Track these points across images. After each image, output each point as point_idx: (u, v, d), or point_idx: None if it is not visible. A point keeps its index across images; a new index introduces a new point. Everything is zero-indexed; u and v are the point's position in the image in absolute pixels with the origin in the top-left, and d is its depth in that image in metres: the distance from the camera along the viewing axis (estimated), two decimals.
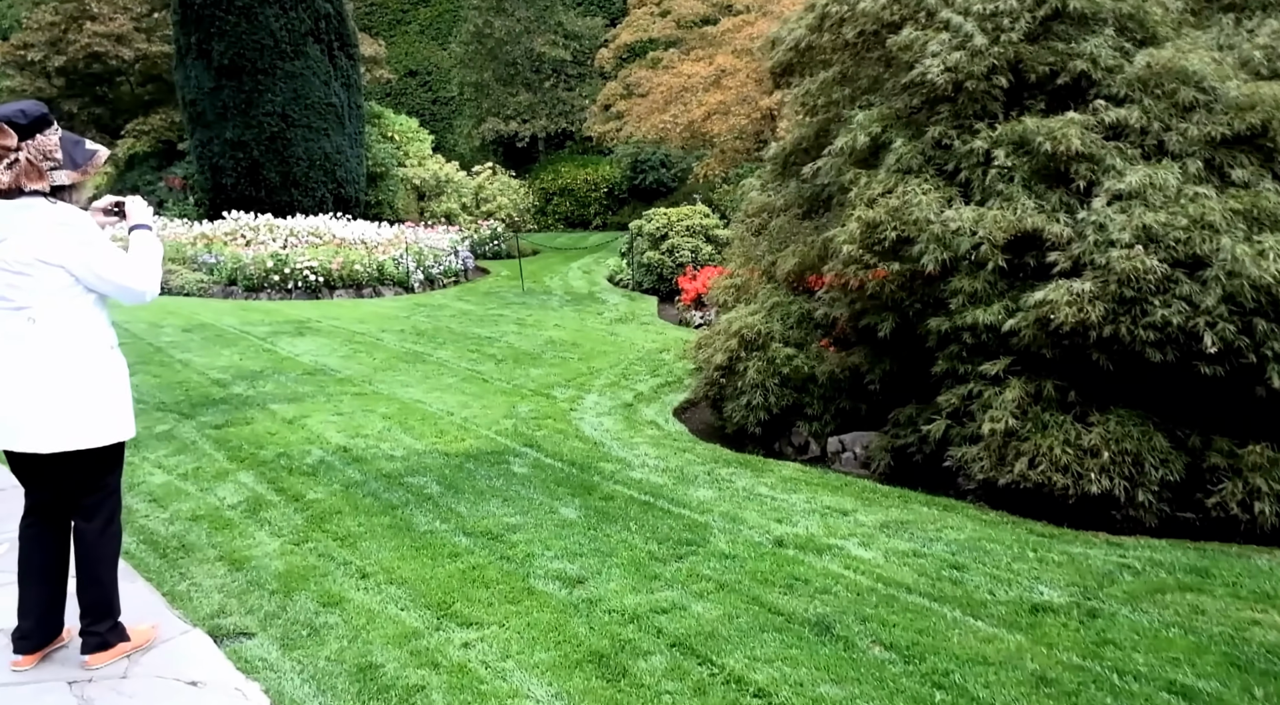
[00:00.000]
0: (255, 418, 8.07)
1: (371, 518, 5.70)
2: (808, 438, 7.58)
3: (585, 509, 5.89)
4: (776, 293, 8.07)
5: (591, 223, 34.77)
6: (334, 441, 7.38)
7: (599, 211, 35.01)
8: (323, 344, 11.82)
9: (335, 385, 9.49)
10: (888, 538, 5.43)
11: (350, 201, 22.01)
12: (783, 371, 7.50)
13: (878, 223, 6.44)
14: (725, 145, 19.79)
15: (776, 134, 18.03)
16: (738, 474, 6.77)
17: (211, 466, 6.73)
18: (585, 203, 35.07)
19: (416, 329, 13.20)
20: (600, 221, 34.71)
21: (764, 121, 18.64)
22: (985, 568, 4.97)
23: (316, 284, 16.84)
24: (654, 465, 6.95)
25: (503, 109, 34.74)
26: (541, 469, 6.78)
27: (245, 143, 20.79)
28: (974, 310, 6.10)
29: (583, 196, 35.06)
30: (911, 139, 6.75)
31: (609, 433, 7.97)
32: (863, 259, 6.51)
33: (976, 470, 5.98)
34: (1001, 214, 6.08)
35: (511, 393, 9.45)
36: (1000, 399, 5.94)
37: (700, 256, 17.34)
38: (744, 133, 18.92)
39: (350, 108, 21.85)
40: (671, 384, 10.23)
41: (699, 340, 8.66)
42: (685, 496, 6.18)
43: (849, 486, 6.52)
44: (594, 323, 14.25)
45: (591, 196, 35.09)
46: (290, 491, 6.18)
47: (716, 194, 25.01)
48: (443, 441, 7.46)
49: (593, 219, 34.87)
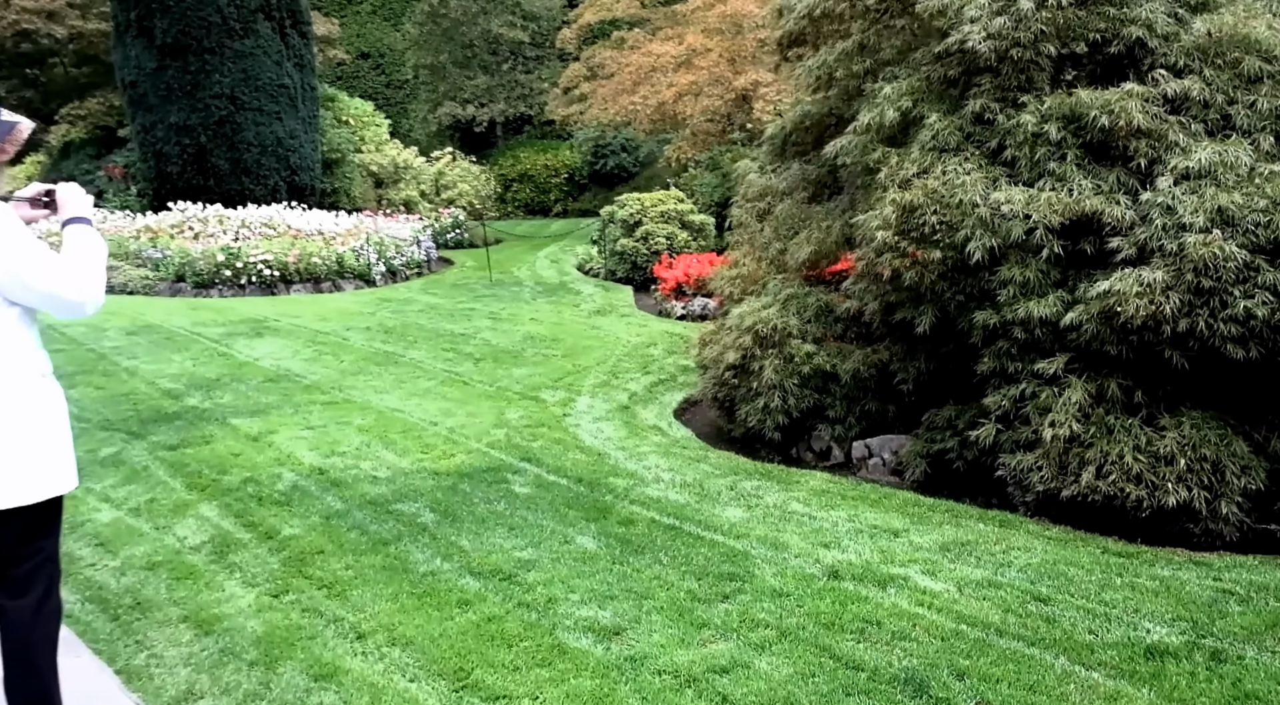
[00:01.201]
0: (215, 435, 7.28)
1: (360, 557, 4.97)
2: (830, 442, 6.95)
3: (604, 537, 5.20)
4: (790, 283, 7.41)
5: (552, 209, 34.01)
6: (307, 462, 6.63)
7: (559, 198, 34.25)
8: (284, 345, 11.00)
9: (302, 393, 8.71)
10: (952, 563, 4.80)
11: (305, 190, 21.02)
12: (802, 370, 6.86)
13: (915, 206, 5.80)
14: (697, 127, 19.10)
15: (752, 115, 17.41)
16: (764, 488, 6.12)
17: (168, 497, 5.95)
18: (545, 189, 34.27)
19: (384, 326, 12.41)
20: (561, 208, 33.97)
21: (738, 103, 17.98)
22: (1073, 599, 4.36)
23: (272, 279, 15.94)
24: (669, 479, 6.28)
25: (459, 92, 33.77)
26: (546, 488, 6.09)
27: (191, 127, 19.70)
28: (1026, 302, 5.48)
29: (543, 183, 34.26)
30: (948, 114, 6.11)
31: (611, 441, 7.28)
32: (898, 246, 5.87)
33: (1035, 481, 5.37)
34: (1056, 195, 5.46)
35: (496, 397, 8.72)
36: (1060, 401, 5.33)
37: (676, 243, 16.66)
38: (717, 114, 18.25)
39: (304, 90, 20.82)
40: (665, 382, 9.56)
41: (703, 336, 8.00)
42: (714, 518, 5.52)
43: (888, 500, 5.89)
44: (572, 316, 13.53)
45: (552, 182, 34.31)
46: (262, 527, 5.43)
47: (684, 178, 24.34)
48: (430, 458, 6.74)
49: (553, 205, 34.11)
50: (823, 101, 7.82)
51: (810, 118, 8.51)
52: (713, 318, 12.16)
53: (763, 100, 17.06)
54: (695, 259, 14.99)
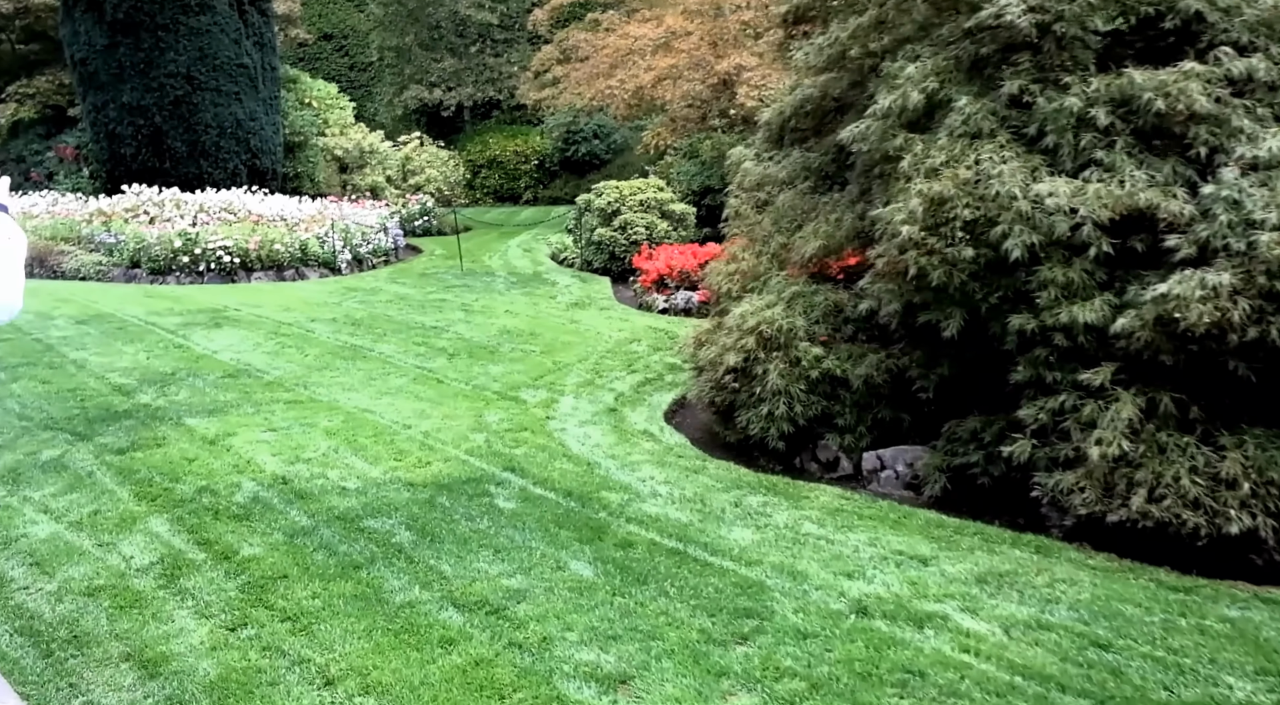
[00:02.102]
0: (168, 437, 6.64)
1: (329, 584, 4.38)
2: (838, 453, 6.42)
3: (601, 562, 4.64)
4: (794, 280, 6.87)
5: (521, 196, 33.33)
6: (269, 469, 6.01)
7: (529, 185, 33.57)
8: (244, 337, 10.33)
9: (263, 391, 8.07)
10: (992, 598, 4.29)
11: (266, 174, 20.20)
12: (810, 375, 6.32)
13: (945, 198, 5.26)
14: (676, 113, 18.53)
15: (736, 100, 16.85)
16: (771, 504, 5.58)
17: (114, 509, 5.32)
18: (515, 176, 33.58)
19: (351, 318, 11.75)
20: (531, 195, 33.29)
21: (720, 88, 17.42)
22: (1137, 645, 3.86)
23: (232, 266, 15.20)
24: (667, 494, 5.73)
25: (426, 76, 32.95)
26: (532, 502, 5.51)
27: (146, 108, 18.81)
28: (1069, 306, 4.97)
29: (512, 169, 33.56)
30: (979, 96, 5.58)
31: (600, 449, 6.71)
32: (925, 243, 5.34)
33: (1077, 503, 4.86)
34: (1105, 188, 4.94)
35: (474, 397, 8.12)
36: (1107, 416, 4.82)
37: (655, 233, 16.08)
38: (697, 99, 17.67)
39: (264, 70, 19.97)
40: (652, 381, 9.00)
41: (697, 336, 7.44)
42: (721, 540, 4.97)
43: (909, 520, 5.37)
44: (548, 308, 12.93)
45: (521, 169, 33.61)
46: (218, 545, 4.82)
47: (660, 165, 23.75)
48: (404, 466, 6.14)
49: (523, 192, 33.43)
50: (833, 82, 7.26)
51: (811, 102, 7.95)
52: (697, 313, 11.54)
53: (747, 85, 16.52)
54: (678, 250, 14.42)
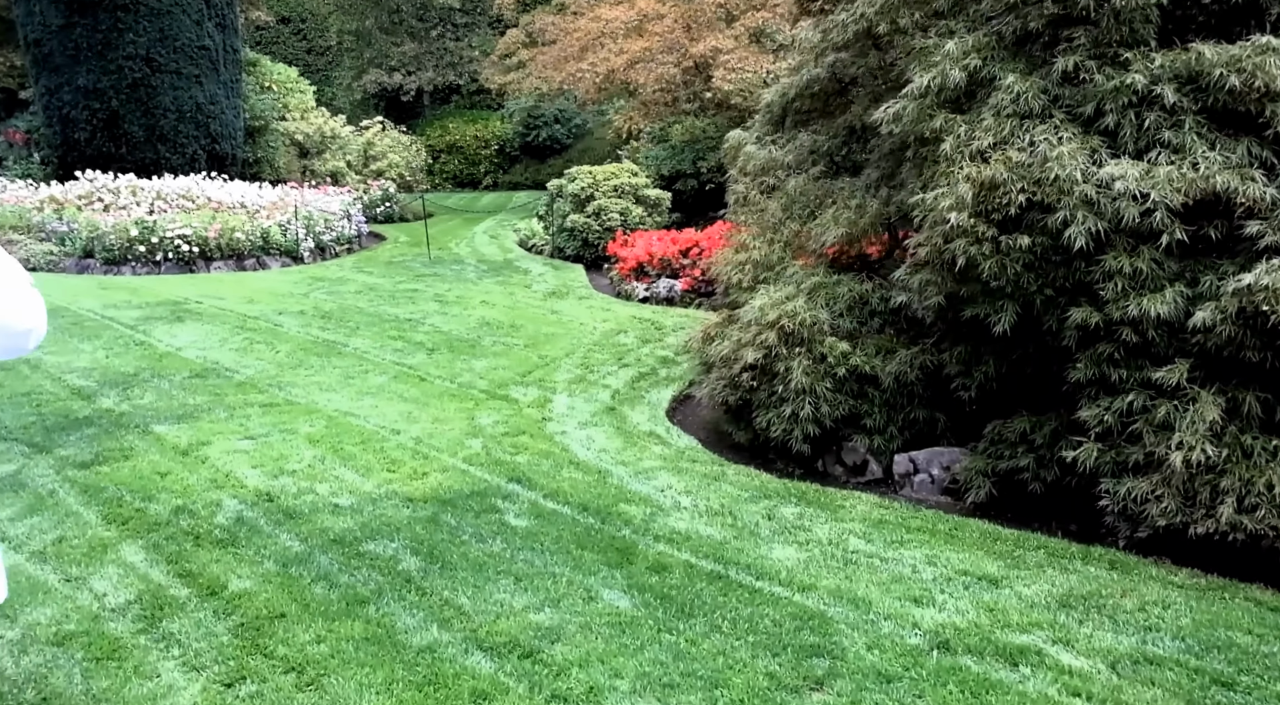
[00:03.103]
0: (136, 447, 6.06)
1: (334, 624, 3.86)
2: (866, 455, 5.99)
3: (637, 590, 4.16)
4: (813, 270, 6.41)
5: (481, 182, 32.74)
6: (250, 484, 5.46)
7: (489, 170, 32.99)
8: (209, 332, 9.71)
9: (235, 392, 7.49)
10: (1082, 626, 3.86)
11: (226, 159, 19.43)
12: (836, 373, 5.87)
13: (996, 183, 4.82)
14: (648, 96, 18.00)
15: (712, 84, 16.36)
16: (807, 516, 5.13)
17: (81, 534, 4.75)
18: (475, 161, 32.98)
19: (320, 310, 11.14)
20: (491, 181, 32.71)
21: (695, 72, 16.92)
22: (1266, 683, 3.43)
23: (190, 255, 14.51)
24: (692, 506, 5.25)
25: (386, 60, 32.25)
26: (546, 519, 5.01)
27: (102, 91, 17.95)
28: (1139, 298, 4.55)
29: (472, 154, 32.95)
30: (1027, 74, 5.14)
31: (608, 454, 6.22)
32: (975, 230, 4.90)
33: (1154, 513, 4.45)
34: (1177, 171, 4.52)
35: (461, 396, 7.59)
36: (1186, 418, 4.41)
37: (630, 219, 15.59)
38: (672, 83, 17.16)
39: (226, 52, 19.16)
40: (646, 376, 8.52)
41: (705, 330, 6.96)
42: (764, 561, 4.50)
43: (962, 532, 4.94)
44: (525, 298, 12.39)
45: (482, 154, 33.01)
46: (203, 578, 4.28)
47: (628, 149, 23.21)
48: (399, 478, 5.61)
49: (482, 178, 32.84)
50: (843, 62, 6.81)
51: (820, 82, 7.50)
52: (680, 302, 10.82)
53: (724, 68, 16.05)
54: (656, 236, 13.93)
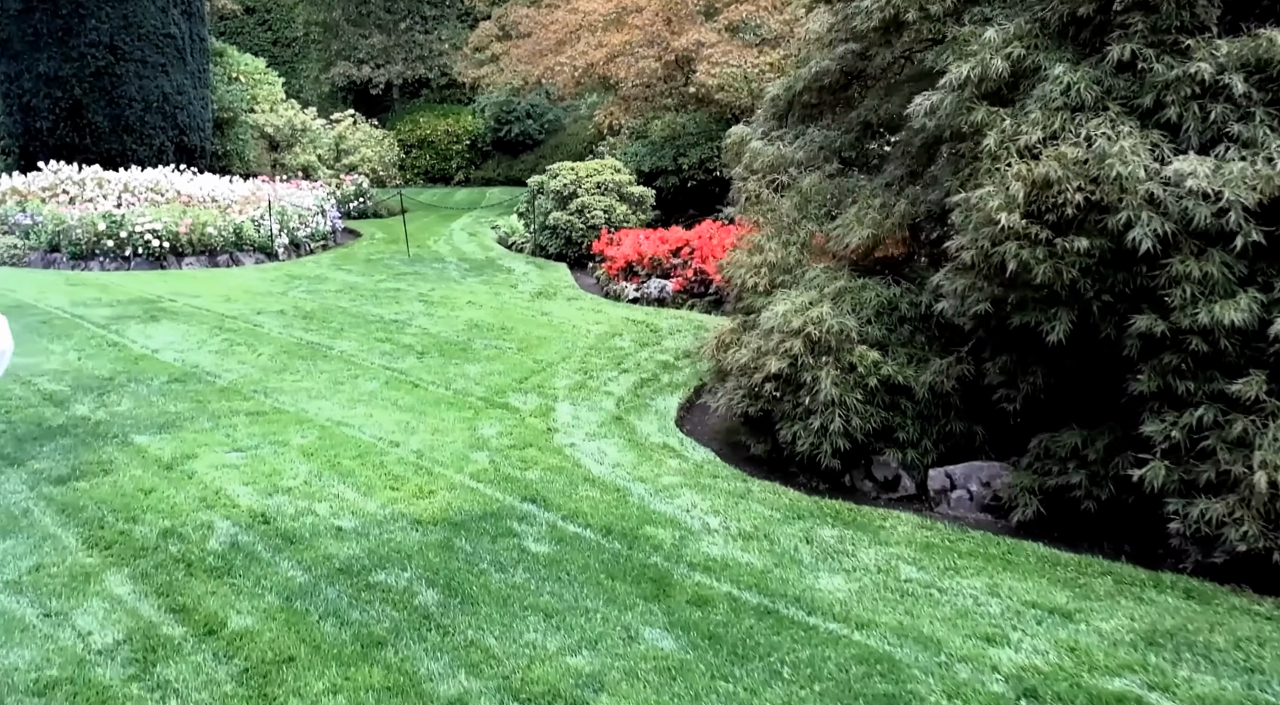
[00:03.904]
0: (115, 461, 5.62)
1: (349, 669, 3.47)
2: (898, 470, 5.66)
3: (681, 629, 3.80)
4: (837, 273, 6.07)
5: (453, 177, 32.21)
6: (243, 503, 5.04)
7: (461, 165, 32.47)
8: (185, 333, 9.24)
9: (218, 398, 7.05)
10: (1176, 667, 3.54)
11: (194, 151, 18.83)
12: (867, 383, 5.53)
13: (1050, 181, 4.50)
14: (628, 91, 17.60)
15: (694, 78, 16.00)
16: (848, 538, 4.79)
17: (60, 561, 4.33)
18: (446, 156, 32.45)
19: (300, 309, 10.68)
20: (463, 176, 32.21)
21: (676, 66, 16.54)
22: None
23: (161, 250, 13.98)
24: (722, 528, 4.90)
25: (354, 52, 31.66)
26: (569, 544, 4.64)
27: (64, 79, 17.31)
28: (1209, 305, 4.24)
29: (444, 149, 32.42)
30: (1076, 63, 4.82)
31: (623, 469, 5.86)
32: (1027, 232, 4.57)
33: (1234, 537, 4.15)
34: (1250, 167, 4.22)
35: (458, 404, 7.19)
36: (1269, 435, 4.11)
37: (614, 217, 15.19)
38: (653, 77, 16.76)
39: (193, 40, 18.55)
40: (649, 382, 8.15)
41: (719, 336, 6.60)
42: (812, 593, 4.16)
43: (1018, 557, 4.61)
44: (512, 298, 11.98)
45: (453, 149, 32.49)
46: (198, 613, 3.87)
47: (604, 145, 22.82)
48: (404, 496, 5.22)
49: (454, 173, 32.31)
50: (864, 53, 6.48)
51: (829, 75, 7.17)
52: (672, 302, 10.26)
53: (707, 62, 15.68)
54: (643, 235, 13.56)
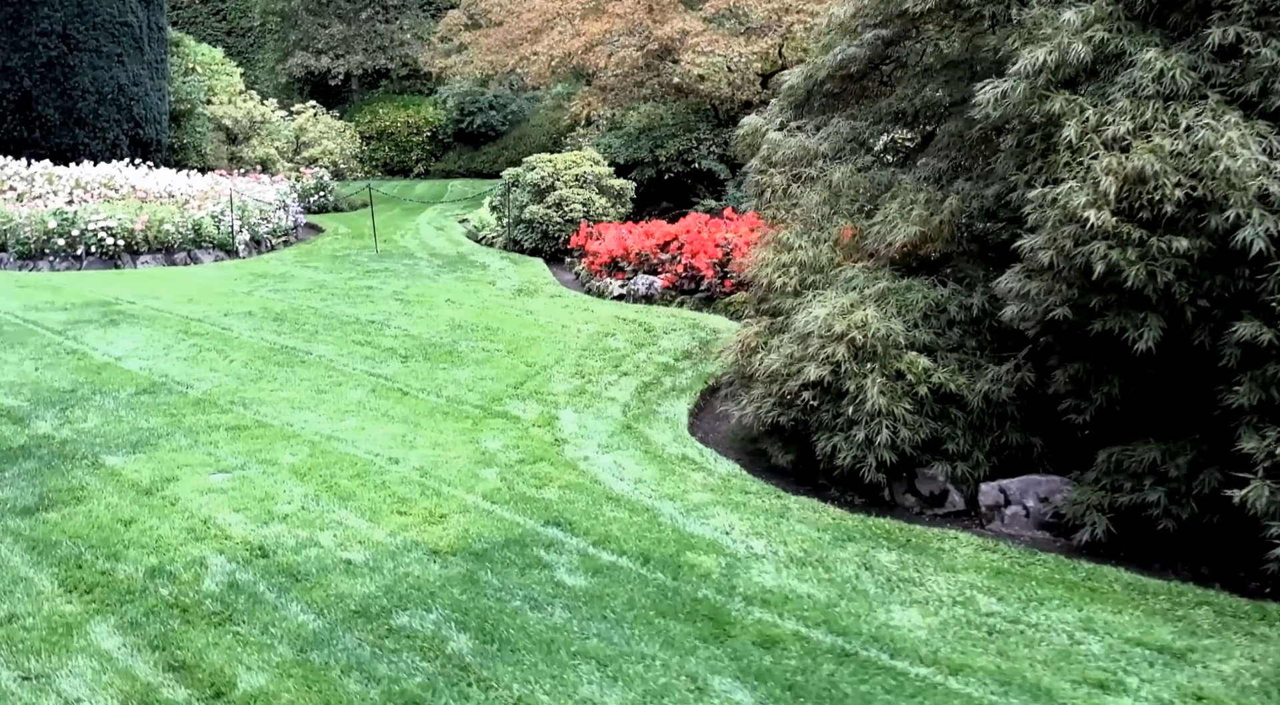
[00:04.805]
0: (88, 486, 5.04)
1: None
2: (946, 484, 5.23)
3: (754, 678, 3.33)
4: (877, 274, 5.63)
5: (414, 170, 31.52)
6: (237, 534, 4.50)
7: (422, 157, 31.80)
8: (149, 338, 8.61)
9: (193, 411, 6.47)
10: None
11: (150, 145, 18.04)
12: (917, 392, 5.10)
13: (1147, 176, 4.09)
14: (607, 81, 17.09)
15: (680, 67, 15.54)
16: (908, 564, 4.34)
17: (36, 610, 3.76)
18: (406, 148, 31.73)
19: (270, 311, 10.07)
20: (424, 168, 31.54)
21: (659, 55, 16.05)
22: None
23: (115, 249, 13.27)
24: (768, 552, 4.43)
25: (313, 42, 30.82)
26: (606, 576, 4.15)
27: (13, 69, 16.44)
28: None
29: (403, 141, 31.69)
30: (1168, 48, 4.41)
31: (646, 486, 5.37)
32: (1118, 232, 4.16)
33: None
34: None
35: (454, 414, 6.67)
36: None
37: (593, 210, 14.69)
38: (634, 66, 16.25)
39: (151, 30, 17.74)
40: (651, 386, 7.67)
41: (743, 340, 6.13)
42: (890, 631, 3.71)
43: (1098, 582, 4.19)
44: (493, 297, 11.43)
45: (414, 141, 31.78)
46: (202, 671, 3.34)
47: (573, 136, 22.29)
48: (414, 521, 4.70)
49: (414, 166, 31.63)
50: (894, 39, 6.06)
51: (856, 62, 6.77)
52: (660, 300, 9.37)
53: (692, 51, 15.23)
54: (626, 229, 13.07)
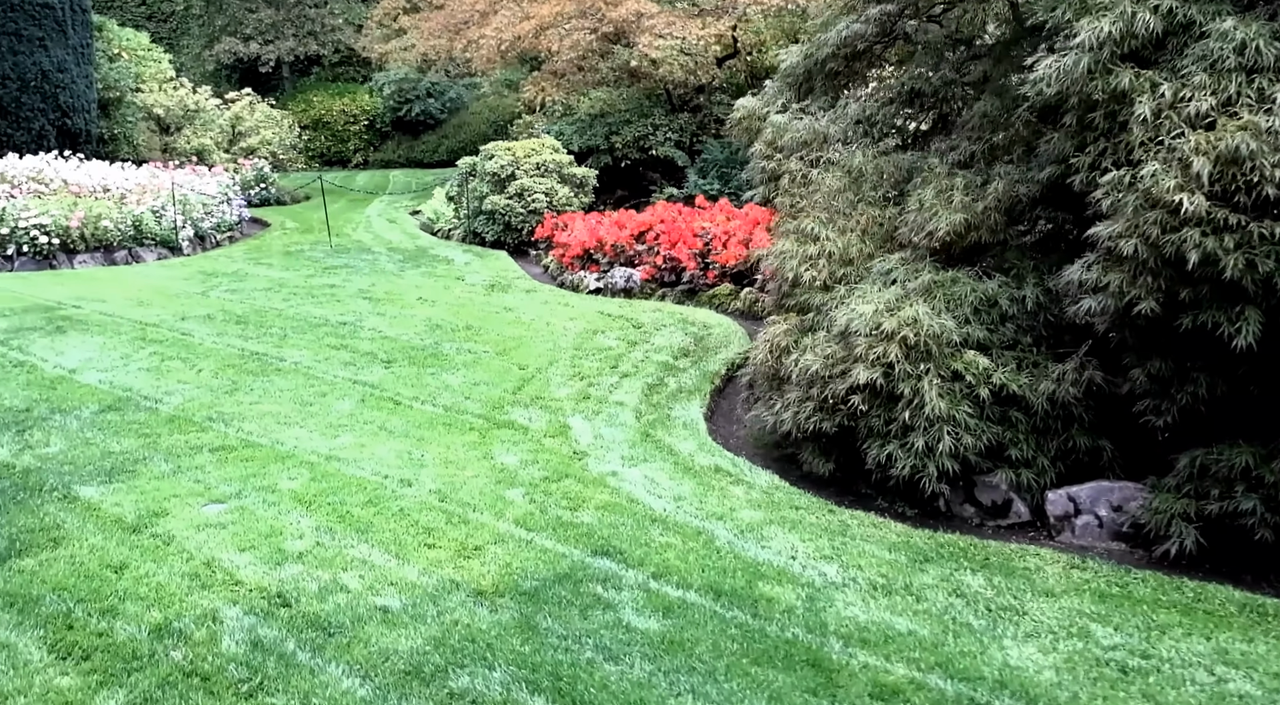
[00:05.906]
0: (64, 524, 4.49)
1: None
2: (1009, 493, 4.90)
3: None
4: (919, 265, 5.26)
5: (351, 160, 30.67)
6: (248, 579, 3.99)
7: (360, 147, 30.96)
8: (103, 346, 7.97)
9: (169, 431, 5.91)
10: None
11: (79, 136, 17.12)
12: (978, 394, 4.75)
13: (1242, 156, 3.76)
14: (561, 66, 16.55)
15: (636, 50, 15.06)
16: (1002, 588, 3.99)
17: (26, 686, 3.24)
18: (344, 138, 30.86)
19: (230, 313, 9.45)
20: (362, 158, 30.72)
21: (613, 38, 15.56)
22: None
23: (50, 248, 12.48)
24: (846, 580, 4.05)
25: (241, 27, 29.75)
26: (678, 616, 3.74)
27: None
28: None
29: (340, 130, 30.82)
30: (1244, 17, 4.09)
31: (687, 504, 4.95)
32: (1214, 217, 3.83)
33: None
34: None
35: (457, 425, 6.19)
36: None
37: (556, 200, 14.19)
38: (589, 50, 15.74)
39: (74, 12, 16.78)
40: (656, 388, 7.25)
41: (772, 339, 5.73)
42: (1013, 673, 3.34)
43: (1212, 603, 3.88)
44: (464, 293, 10.90)
45: (350, 130, 30.93)
46: None
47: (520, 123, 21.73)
48: (446, 557, 4.23)
49: (353, 156, 30.78)
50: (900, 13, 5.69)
51: (861, 39, 6.41)
52: (640, 293, 8.79)
53: (649, 34, 14.76)
54: (595, 219, 12.62)
